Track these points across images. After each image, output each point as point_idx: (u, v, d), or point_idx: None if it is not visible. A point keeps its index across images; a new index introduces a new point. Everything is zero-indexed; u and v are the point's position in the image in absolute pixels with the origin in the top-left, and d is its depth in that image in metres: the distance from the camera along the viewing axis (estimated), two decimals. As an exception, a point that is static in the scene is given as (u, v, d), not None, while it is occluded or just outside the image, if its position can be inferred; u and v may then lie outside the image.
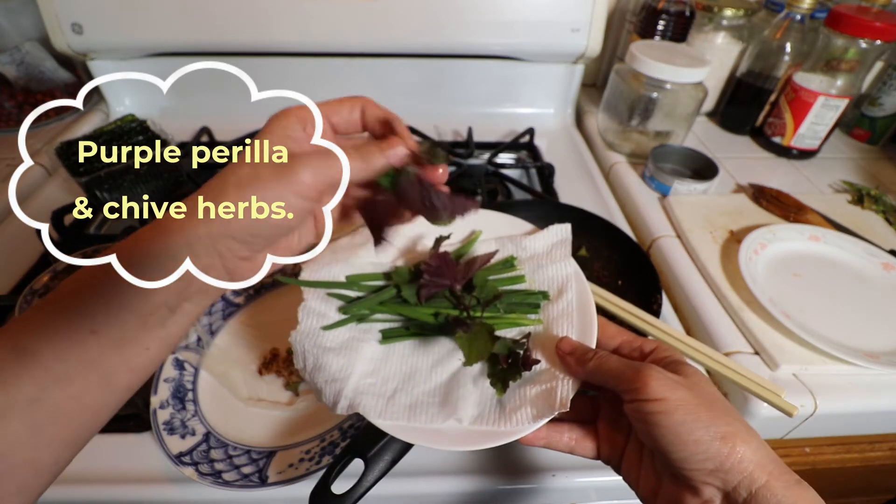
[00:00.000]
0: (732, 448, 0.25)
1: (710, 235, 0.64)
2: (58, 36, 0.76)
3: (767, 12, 0.86)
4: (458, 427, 0.31)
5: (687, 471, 0.25)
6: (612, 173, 0.81)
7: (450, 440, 0.30)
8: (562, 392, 0.30)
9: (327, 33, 0.79)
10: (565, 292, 0.36)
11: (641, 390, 0.26)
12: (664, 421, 0.25)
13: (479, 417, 0.31)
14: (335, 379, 0.33)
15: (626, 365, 0.28)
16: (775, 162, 0.85)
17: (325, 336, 0.35)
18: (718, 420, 0.25)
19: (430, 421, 0.31)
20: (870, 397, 0.49)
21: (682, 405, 0.25)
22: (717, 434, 0.25)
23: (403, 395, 0.33)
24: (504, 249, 0.40)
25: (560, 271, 0.38)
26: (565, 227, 0.41)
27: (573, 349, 0.32)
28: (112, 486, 0.40)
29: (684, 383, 0.27)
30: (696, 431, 0.25)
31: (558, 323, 0.35)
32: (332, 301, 0.37)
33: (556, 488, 0.43)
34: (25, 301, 0.48)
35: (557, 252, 0.39)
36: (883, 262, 0.60)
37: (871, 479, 0.64)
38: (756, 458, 0.25)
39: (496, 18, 0.79)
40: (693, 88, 0.75)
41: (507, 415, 0.31)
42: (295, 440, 0.42)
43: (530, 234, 0.41)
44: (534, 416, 0.30)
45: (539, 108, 0.94)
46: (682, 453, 0.25)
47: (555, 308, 0.36)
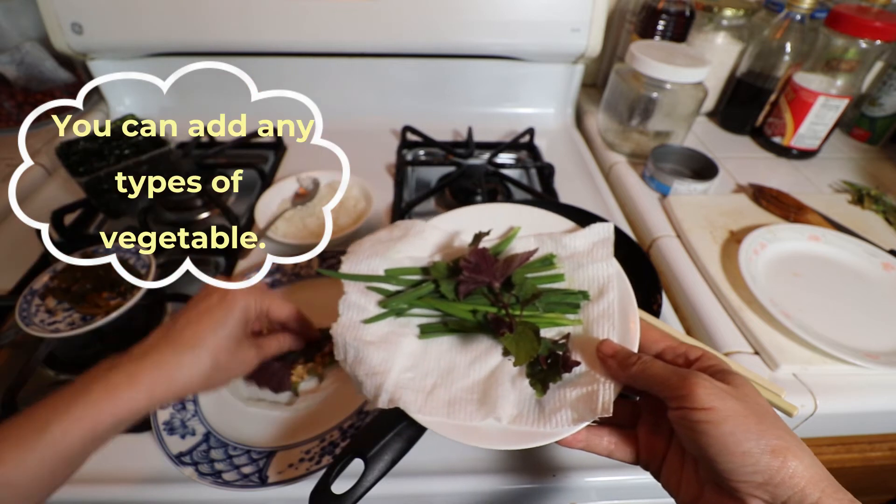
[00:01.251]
0: (784, 462, 0.24)
1: (710, 235, 0.64)
2: (58, 36, 0.76)
3: (767, 12, 0.86)
4: (497, 426, 0.31)
5: (734, 482, 0.25)
6: (612, 173, 0.81)
7: (489, 439, 0.30)
8: (603, 396, 0.30)
9: (327, 33, 0.79)
10: (606, 293, 0.35)
11: (688, 398, 0.26)
12: (712, 431, 0.25)
13: (518, 417, 0.31)
14: (376, 373, 0.33)
15: (672, 371, 0.28)
16: (775, 162, 0.85)
17: (365, 329, 0.35)
18: (769, 433, 0.25)
19: (469, 418, 0.31)
20: (870, 397, 0.49)
21: (732, 416, 0.25)
22: (768, 447, 0.24)
23: (442, 390, 0.33)
24: (544, 247, 0.39)
25: (601, 271, 0.37)
26: (608, 225, 0.39)
27: (615, 352, 0.31)
28: (112, 486, 0.40)
29: (733, 393, 0.26)
30: (745, 443, 0.24)
31: (599, 324, 0.34)
32: (372, 294, 0.37)
33: (556, 488, 0.43)
34: (25, 301, 0.48)
35: (599, 251, 0.38)
36: (883, 262, 0.60)
37: (871, 479, 0.64)
38: (808, 475, 0.24)
39: (496, 18, 0.79)
40: (693, 88, 0.75)
41: (547, 416, 0.30)
42: (295, 440, 0.42)
43: (571, 231, 0.40)
44: (574, 419, 0.30)
45: (539, 108, 0.94)
46: (730, 465, 0.25)
47: (595, 309, 0.35)
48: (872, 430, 0.55)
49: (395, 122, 0.86)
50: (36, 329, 0.45)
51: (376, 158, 0.81)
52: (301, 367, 0.46)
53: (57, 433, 0.29)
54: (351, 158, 0.66)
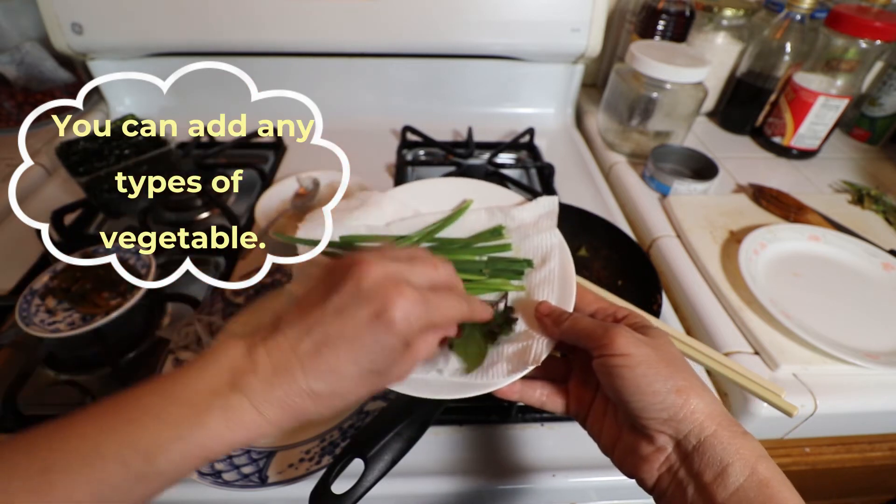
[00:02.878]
0: (686, 400, 0.27)
1: (710, 235, 0.64)
2: (58, 36, 0.76)
3: (767, 12, 0.86)
4: (440, 378, 0.33)
5: (644, 419, 0.28)
6: (612, 173, 0.81)
7: (432, 390, 0.32)
8: (536, 350, 0.33)
9: (327, 33, 0.79)
10: (549, 261, 0.38)
11: (609, 346, 0.29)
12: (627, 374, 0.28)
13: (459, 371, 0.33)
14: None
15: (597, 325, 0.31)
16: (775, 162, 0.85)
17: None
18: (676, 375, 0.28)
19: (415, 372, 0.33)
20: (870, 397, 0.49)
21: (644, 360, 0.28)
22: (674, 387, 0.27)
23: None
24: (494, 218, 0.42)
25: (545, 241, 0.40)
26: (553, 199, 0.42)
27: (550, 311, 0.34)
28: (112, 486, 0.40)
29: (649, 343, 0.29)
30: (654, 384, 0.27)
31: (540, 289, 0.37)
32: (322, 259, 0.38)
33: (556, 488, 0.43)
34: (25, 301, 0.48)
35: (544, 223, 0.41)
36: (883, 262, 0.60)
37: (871, 479, 0.64)
38: (707, 410, 0.27)
39: (496, 18, 0.79)
40: (693, 88, 0.75)
41: (485, 369, 0.33)
42: (295, 440, 0.42)
43: (520, 204, 0.42)
44: (509, 370, 0.32)
45: (539, 108, 0.94)
46: (640, 403, 0.27)
47: (537, 275, 0.38)
48: (872, 430, 0.55)
49: (395, 122, 0.86)
50: (36, 329, 0.45)
51: (376, 158, 0.81)
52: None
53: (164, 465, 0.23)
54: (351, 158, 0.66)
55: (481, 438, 0.45)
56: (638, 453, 0.29)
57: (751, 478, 0.25)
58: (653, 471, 0.28)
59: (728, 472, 0.25)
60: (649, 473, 0.28)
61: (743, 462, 0.25)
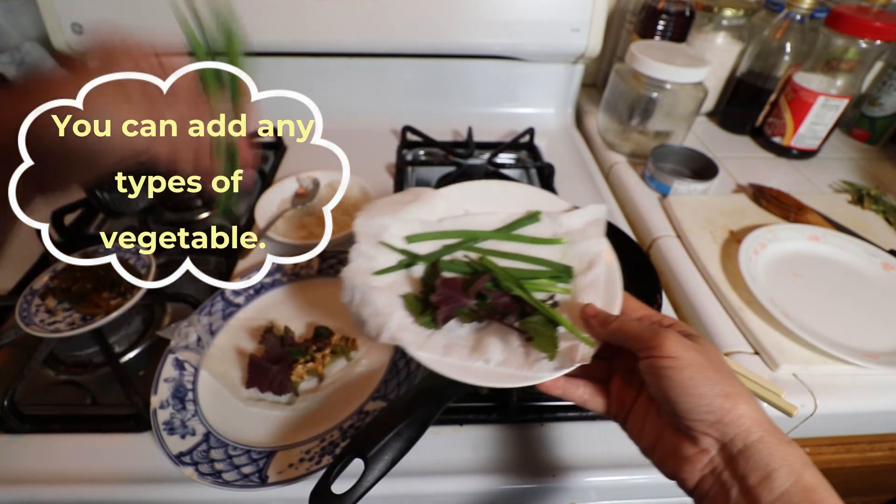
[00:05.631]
0: (734, 405, 0.27)
1: (710, 235, 0.64)
2: (58, 36, 0.76)
3: (767, 12, 0.86)
4: (486, 367, 0.34)
5: (690, 421, 0.28)
6: (612, 173, 0.81)
7: (478, 376, 0.33)
8: (583, 349, 0.33)
9: (327, 33, 0.79)
10: (595, 266, 0.39)
11: (657, 348, 0.29)
12: (675, 375, 0.28)
13: (505, 362, 0.34)
14: (379, 313, 0.36)
15: (646, 327, 0.31)
16: (775, 162, 0.85)
17: (372, 277, 0.39)
18: (724, 381, 0.28)
19: (462, 359, 0.34)
20: (870, 397, 0.49)
21: (693, 364, 0.28)
22: (721, 392, 0.27)
23: (439, 336, 0.36)
24: (542, 223, 0.43)
25: (592, 248, 0.41)
26: (601, 207, 0.43)
27: (597, 313, 0.35)
28: (112, 486, 0.40)
29: (697, 348, 0.29)
30: (702, 387, 0.28)
31: (585, 293, 0.37)
32: (382, 248, 0.40)
33: (556, 488, 0.43)
34: (25, 301, 0.48)
35: (591, 230, 0.42)
36: (883, 262, 0.60)
37: (871, 479, 0.64)
38: (754, 417, 0.27)
39: (496, 18, 0.79)
40: (693, 88, 0.75)
41: (531, 363, 0.34)
42: (295, 440, 0.42)
43: (568, 211, 0.44)
44: (555, 367, 0.33)
45: (539, 108, 0.94)
46: (687, 404, 0.28)
47: (583, 280, 0.39)
48: (872, 430, 0.55)
49: (395, 122, 0.86)
50: (36, 329, 0.45)
51: (376, 158, 0.81)
52: (301, 367, 0.46)
53: None
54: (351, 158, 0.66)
55: (481, 438, 0.45)
56: (680, 454, 0.29)
57: (796, 483, 0.25)
58: (695, 472, 0.28)
59: (774, 476, 0.25)
60: (691, 474, 0.28)
61: (789, 468, 0.26)
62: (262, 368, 0.46)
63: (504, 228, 0.43)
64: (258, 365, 0.46)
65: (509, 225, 0.43)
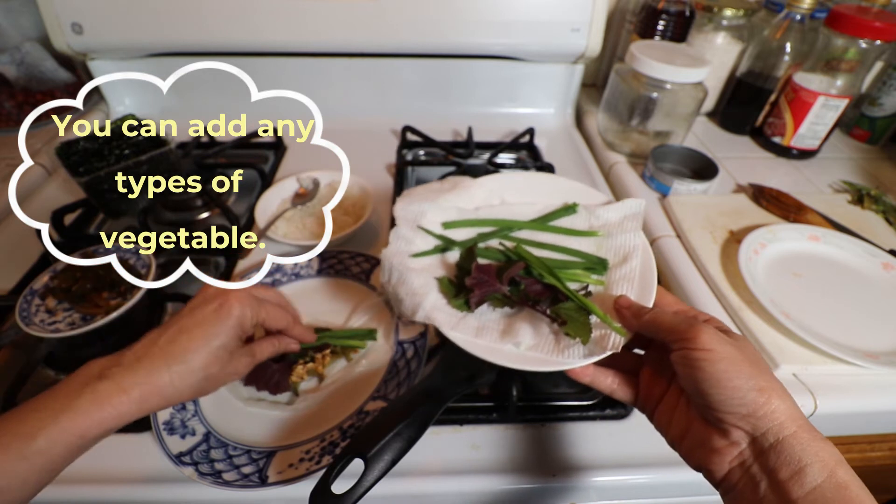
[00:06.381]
0: (768, 399, 0.27)
1: (710, 235, 0.64)
2: (58, 36, 0.76)
3: (767, 12, 0.86)
4: (516, 351, 0.35)
5: (721, 413, 0.28)
6: (612, 173, 0.81)
7: (508, 359, 0.34)
8: (615, 338, 0.33)
9: (327, 33, 0.79)
10: (630, 260, 0.39)
11: (692, 340, 0.29)
12: (709, 367, 0.28)
13: (535, 346, 0.35)
14: (416, 293, 0.37)
15: (681, 320, 0.31)
16: (775, 162, 0.85)
17: (410, 258, 0.40)
18: (758, 375, 0.28)
19: (492, 342, 0.35)
20: (870, 397, 0.49)
21: (727, 357, 0.28)
22: (756, 386, 0.27)
23: (472, 318, 0.37)
24: (580, 215, 0.44)
25: (629, 241, 0.41)
26: (640, 201, 0.43)
27: (630, 304, 0.35)
28: (112, 486, 0.40)
29: (732, 343, 0.29)
30: (736, 379, 0.27)
31: (619, 285, 0.38)
32: (419, 232, 0.42)
33: (556, 488, 0.43)
34: (25, 301, 0.48)
35: (629, 224, 0.42)
36: (883, 262, 0.60)
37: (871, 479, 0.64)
38: (788, 412, 0.27)
39: (496, 18, 0.79)
40: (693, 88, 0.75)
41: (562, 349, 0.34)
42: (295, 440, 0.42)
43: (606, 204, 0.44)
44: (585, 354, 0.34)
45: (539, 108, 0.94)
46: (720, 396, 0.28)
47: (618, 272, 0.39)
48: (872, 430, 0.54)
49: (395, 122, 0.86)
50: (36, 329, 0.45)
51: (376, 158, 0.81)
52: (301, 367, 0.46)
53: (43, 443, 0.29)
54: (351, 158, 0.66)
55: (481, 438, 0.45)
56: (709, 446, 0.29)
57: (829, 479, 0.25)
58: (724, 464, 0.28)
59: (806, 471, 0.25)
60: (720, 466, 0.28)
61: (822, 464, 0.26)
62: (262, 366, 0.45)
63: (540, 219, 0.43)
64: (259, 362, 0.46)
65: (546, 216, 0.43)
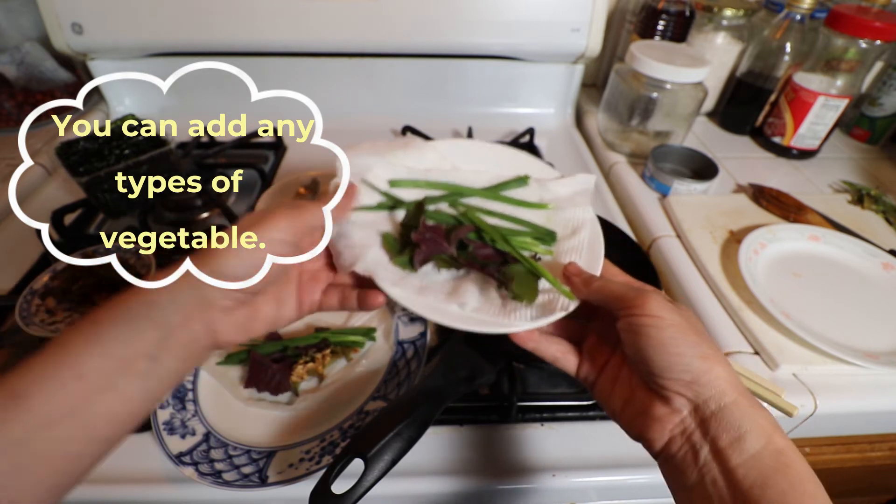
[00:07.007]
0: (711, 367, 0.28)
1: (710, 235, 0.64)
2: (58, 36, 0.76)
3: (767, 12, 0.86)
4: (460, 312, 0.34)
5: (665, 379, 0.28)
6: (612, 173, 0.81)
7: (453, 319, 0.33)
8: (563, 302, 0.33)
9: (327, 33, 0.79)
10: (579, 232, 0.39)
11: (640, 307, 0.29)
12: (654, 333, 0.28)
13: (480, 309, 0.34)
14: (355, 246, 0.36)
15: (630, 288, 0.31)
16: (775, 162, 0.85)
17: (351, 212, 0.38)
18: (702, 344, 0.28)
19: (437, 302, 0.34)
20: (870, 397, 0.49)
21: (674, 325, 0.28)
22: (700, 353, 0.28)
23: (415, 278, 0.36)
24: (531, 188, 0.43)
25: (578, 215, 0.41)
26: (590, 177, 0.43)
27: (579, 272, 0.35)
28: (112, 486, 0.40)
29: (678, 311, 0.30)
30: (681, 346, 0.28)
31: (567, 255, 0.38)
32: (364, 186, 0.40)
33: (556, 488, 0.43)
34: (25, 301, 0.48)
35: (579, 198, 0.42)
36: (883, 262, 0.60)
37: (871, 479, 0.64)
38: (730, 380, 0.28)
39: (496, 18, 0.79)
40: (693, 88, 0.75)
41: (508, 312, 0.34)
42: (295, 440, 0.42)
43: (557, 179, 0.44)
44: (532, 317, 0.33)
45: (539, 107, 0.94)
46: (665, 362, 0.28)
47: (566, 244, 0.39)
48: (872, 430, 0.55)
49: (395, 122, 0.86)
50: (36, 329, 0.45)
51: (376, 158, 0.81)
52: (301, 367, 0.46)
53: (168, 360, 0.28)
54: (351, 158, 0.66)
55: (481, 438, 0.45)
56: (650, 414, 0.29)
57: (767, 446, 0.26)
58: (664, 432, 0.29)
59: (745, 438, 0.26)
60: (660, 434, 0.29)
61: (760, 430, 0.26)
62: (262, 366, 0.46)
63: (492, 188, 0.42)
64: (259, 362, 0.46)
65: (497, 185, 0.43)
